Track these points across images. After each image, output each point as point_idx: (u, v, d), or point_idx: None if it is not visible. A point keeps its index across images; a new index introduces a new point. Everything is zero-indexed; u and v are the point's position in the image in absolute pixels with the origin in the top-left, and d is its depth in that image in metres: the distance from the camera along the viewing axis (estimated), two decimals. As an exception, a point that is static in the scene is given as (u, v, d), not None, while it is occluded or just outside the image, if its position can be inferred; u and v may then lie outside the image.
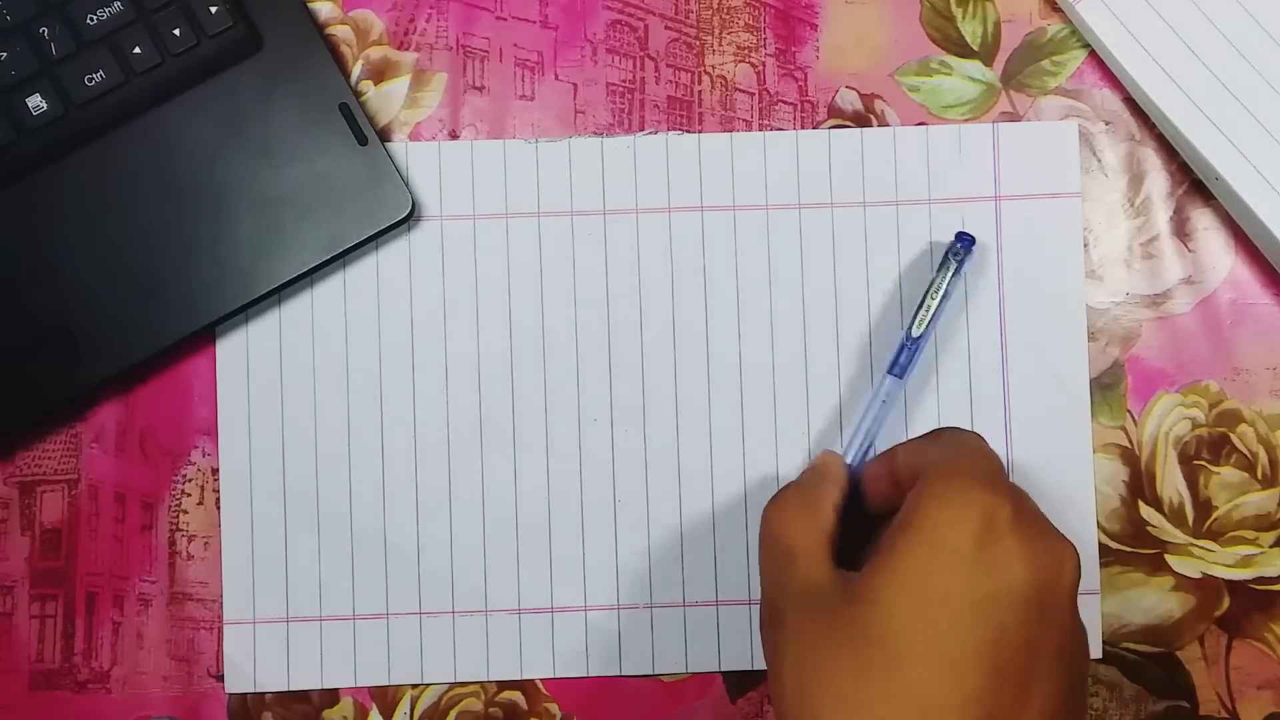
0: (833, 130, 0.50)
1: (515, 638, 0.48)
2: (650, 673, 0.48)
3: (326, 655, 0.48)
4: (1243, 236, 0.49)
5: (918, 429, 0.49)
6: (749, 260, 0.49)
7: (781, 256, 0.49)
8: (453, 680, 0.48)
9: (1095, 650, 0.48)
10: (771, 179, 0.49)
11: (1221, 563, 0.48)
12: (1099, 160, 0.50)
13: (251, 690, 0.48)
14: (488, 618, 0.48)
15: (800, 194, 0.49)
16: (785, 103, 0.50)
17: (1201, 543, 0.48)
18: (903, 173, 0.49)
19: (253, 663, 0.48)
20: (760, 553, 0.42)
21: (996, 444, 0.48)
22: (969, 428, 0.48)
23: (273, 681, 0.48)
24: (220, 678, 0.48)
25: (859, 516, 0.44)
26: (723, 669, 0.48)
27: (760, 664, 0.48)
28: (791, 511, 0.42)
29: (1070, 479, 0.48)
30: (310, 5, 0.49)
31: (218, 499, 0.49)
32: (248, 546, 0.48)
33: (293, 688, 0.48)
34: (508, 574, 0.48)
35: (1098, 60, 0.50)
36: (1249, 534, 0.48)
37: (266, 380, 0.49)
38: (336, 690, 0.48)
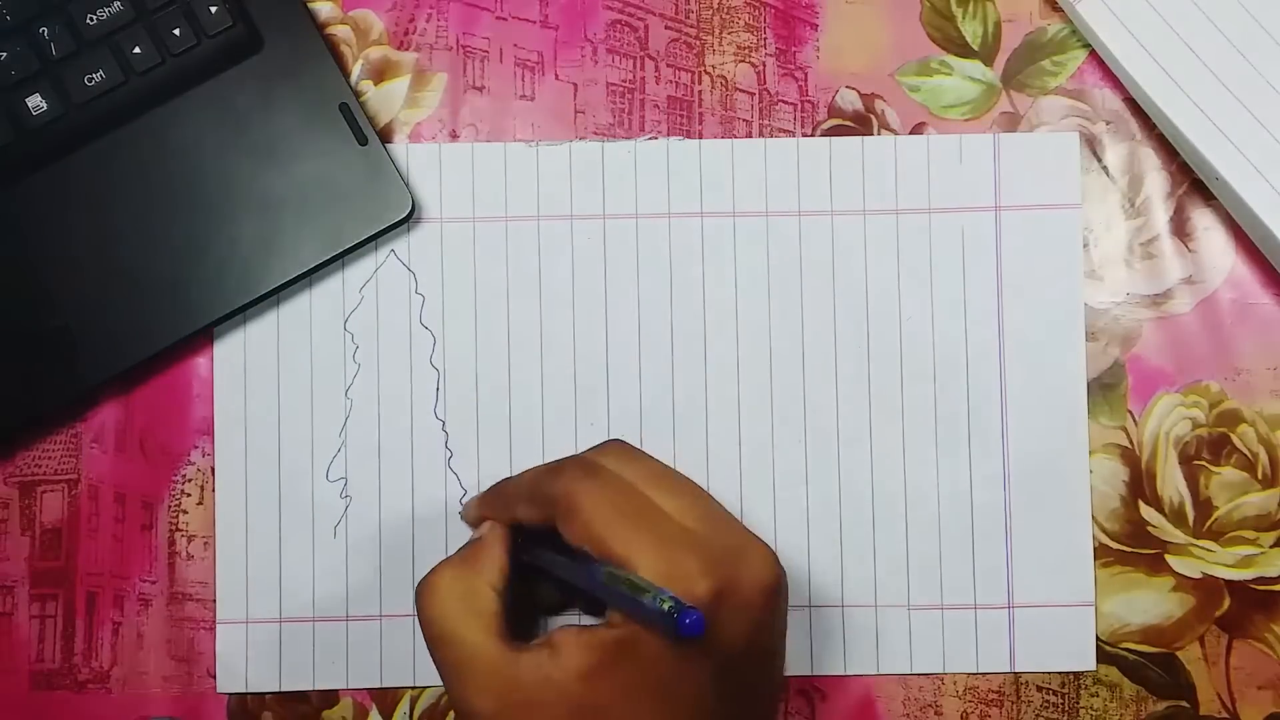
0: (834, 138, 0.49)
1: (514, 638, 0.48)
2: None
3: (319, 656, 0.48)
4: (1243, 236, 0.49)
5: (915, 435, 0.48)
6: (748, 267, 0.49)
7: (781, 263, 0.49)
8: (451, 681, 0.48)
9: (1090, 658, 0.48)
10: (772, 186, 0.49)
11: (1221, 563, 0.48)
12: (1100, 160, 0.50)
13: (244, 690, 0.48)
14: (487, 618, 0.48)
15: (800, 201, 0.49)
16: (785, 103, 0.50)
17: (1202, 543, 0.48)
18: (903, 181, 0.49)
19: (245, 663, 0.48)
20: (426, 640, 0.41)
21: (993, 449, 0.48)
22: (965, 429, 0.48)
23: (265, 682, 0.48)
24: (220, 677, 0.48)
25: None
26: (722, 669, 0.48)
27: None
28: (448, 598, 0.41)
29: (1067, 485, 0.48)
30: (310, 5, 0.49)
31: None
32: (242, 546, 0.48)
33: (285, 688, 0.48)
34: (507, 574, 0.48)
35: (1098, 60, 0.50)
36: (1249, 534, 0.48)
37: (263, 380, 0.49)
38: (336, 690, 0.48)
